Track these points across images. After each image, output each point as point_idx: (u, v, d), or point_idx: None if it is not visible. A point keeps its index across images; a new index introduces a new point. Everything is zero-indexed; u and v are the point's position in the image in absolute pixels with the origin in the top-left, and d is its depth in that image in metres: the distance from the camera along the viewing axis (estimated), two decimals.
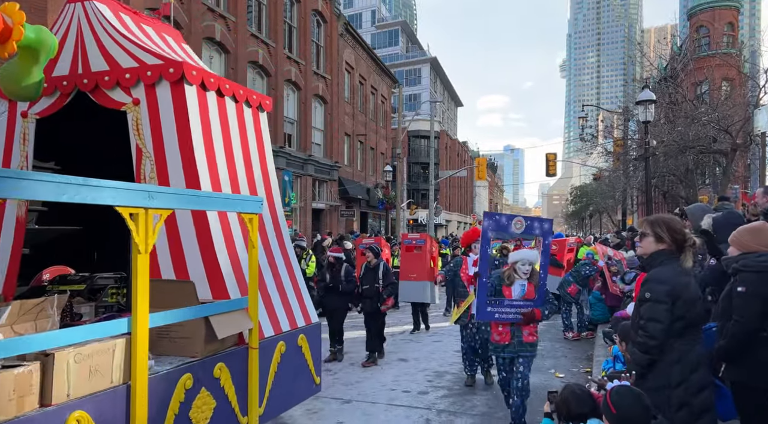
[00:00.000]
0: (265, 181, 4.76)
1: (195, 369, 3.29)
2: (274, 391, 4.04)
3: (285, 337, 4.26)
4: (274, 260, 4.51)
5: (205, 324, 3.35)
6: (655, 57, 27.30)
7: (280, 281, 4.51)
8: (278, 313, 4.29)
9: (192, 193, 3.26)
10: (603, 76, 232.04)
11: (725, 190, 16.39)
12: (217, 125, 4.23)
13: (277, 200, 4.93)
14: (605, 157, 28.66)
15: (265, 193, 4.71)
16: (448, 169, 50.00)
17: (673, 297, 2.93)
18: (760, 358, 3.15)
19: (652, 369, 3.02)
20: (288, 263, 4.75)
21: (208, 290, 3.80)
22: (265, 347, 3.94)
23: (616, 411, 2.57)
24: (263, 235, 4.42)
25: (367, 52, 32.10)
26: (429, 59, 66.00)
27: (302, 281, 4.87)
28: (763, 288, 3.16)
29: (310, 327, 4.67)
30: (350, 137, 29.87)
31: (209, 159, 4.04)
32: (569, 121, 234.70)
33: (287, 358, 4.22)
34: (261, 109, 4.90)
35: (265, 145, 4.89)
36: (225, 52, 18.41)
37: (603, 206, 42.97)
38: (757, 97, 16.74)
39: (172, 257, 3.87)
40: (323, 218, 26.28)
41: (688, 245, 3.07)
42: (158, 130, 3.97)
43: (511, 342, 4.83)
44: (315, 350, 4.69)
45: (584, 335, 9.64)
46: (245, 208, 3.60)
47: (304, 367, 4.55)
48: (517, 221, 4.79)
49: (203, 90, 4.11)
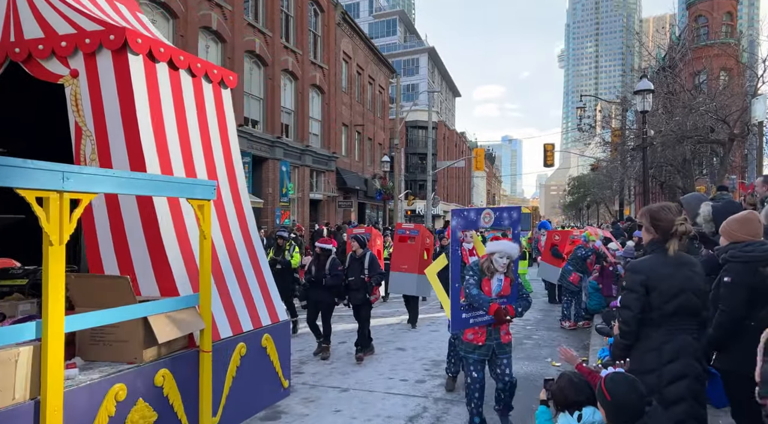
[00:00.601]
0: (227, 166, 4.30)
1: (130, 378, 2.88)
2: (232, 398, 3.66)
3: (246, 337, 3.87)
4: (236, 253, 4.09)
5: (144, 326, 2.97)
6: (653, 47, 27.23)
7: (243, 275, 4.09)
8: (239, 311, 3.90)
9: (122, 174, 2.75)
10: (601, 66, 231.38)
11: (722, 180, 16.41)
12: (169, 101, 3.74)
13: (242, 186, 4.46)
14: (603, 148, 28.65)
15: (228, 179, 4.26)
16: (445, 159, 49.95)
17: (646, 287, 3.00)
18: (747, 346, 3.18)
19: (629, 354, 3.12)
20: (253, 256, 4.31)
21: (156, 287, 3.39)
22: (221, 350, 3.56)
23: (611, 398, 2.60)
24: (224, 224, 4.03)
25: (364, 42, 31.92)
26: (427, 49, 65.70)
27: (270, 275, 4.44)
28: (749, 278, 3.19)
29: (277, 326, 4.27)
30: (348, 128, 29.79)
31: (158, 139, 3.58)
32: (567, 112, 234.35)
33: (248, 360, 3.84)
34: (223, 86, 4.40)
35: (228, 125, 4.41)
36: (221, 41, 18.30)
37: (600, 197, 43.02)
38: (755, 87, 16.71)
39: (116, 250, 3.44)
40: (321, 209, 26.27)
41: (673, 231, 3.07)
42: (99, 106, 3.48)
43: (486, 344, 4.52)
44: (283, 350, 4.29)
45: (581, 324, 9.69)
46: (193, 194, 3.15)
47: (270, 369, 4.18)
48: (486, 214, 4.63)
49: (151, 61, 3.61)
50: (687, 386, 2.97)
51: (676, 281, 2.99)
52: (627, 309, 3.07)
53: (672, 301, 2.97)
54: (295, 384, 6.27)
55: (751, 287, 3.18)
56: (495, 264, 4.49)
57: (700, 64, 23.86)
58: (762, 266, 3.18)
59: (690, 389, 2.97)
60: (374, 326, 9.79)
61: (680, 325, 3.01)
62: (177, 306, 3.17)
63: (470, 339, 4.58)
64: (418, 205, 41.64)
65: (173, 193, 3.06)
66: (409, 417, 5.20)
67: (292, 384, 6.26)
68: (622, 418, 2.54)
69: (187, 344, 3.37)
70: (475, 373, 4.54)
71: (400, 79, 35.59)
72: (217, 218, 3.87)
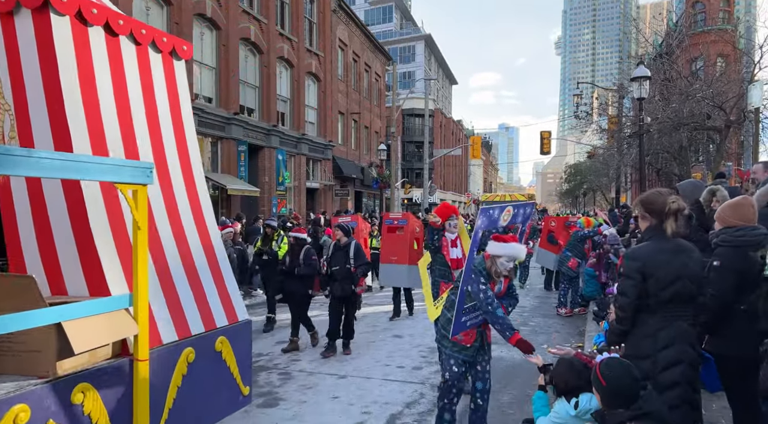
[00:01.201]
0: (180, 149, 3.74)
1: (35, 396, 2.43)
2: (177, 411, 3.21)
3: (195, 342, 3.36)
4: (187, 246, 3.61)
5: (58, 334, 2.56)
6: (650, 33, 27.11)
7: (195, 272, 3.61)
8: (188, 312, 3.43)
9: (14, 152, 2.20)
10: (598, 53, 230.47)
11: (719, 167, 16.44)
12: (105, 72, 3.22)
13: (197, 171, 3.89)
14: (600, 135, 28.64)
15: (180, 163, 3.71)
16: (442, 147, 49.89)
17: (643, 274, 3.01)
18: (738, 330, 3.22)
19: (624, 340, 3.13)
20: (209, 250, 3.79)
21: (84, 285, 2.96)
22: (162, 357, 3.10)
23: (606, 383, 2.62)
24: (173, 214, 3.51)
25: (360, 29, 31.69)
26: (423, 36, 65.28)
27: (229, 271, 3.93)
28: (738, 262, 3.21)
29: (236, 327, 3.79)
30: (344, 116, 29.68)
31: (90, 115, 3.09)
32: (564, 99, 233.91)
33: (198, 367, 3.37)
34: (176, 57, 3.85)
35: (181, 102, 3.84)
36: (216, 28, 18.13)
37: (597, 184, 43.07)
38: (752, 73, 16.69)
39: (40, 244, 3.01)
40: (318, 198, 26.25)
41: (667, 211, 3.06)
42: (19, 76, 3.01)
43: (473, 345, 4.22)
44: (242, 354, 3.82)
45: (576, 310, 9.74)
46: (121, 177, 2.62)
47: (226, 376, 3.67)
48: (506, 211, 4.16)
49: (82, 23, 3.10)
50: (681, 372, 2.99)
51: (673, 267, 3.00)
52: (624, 296, 3.08)
53: (668, 288, 2.98)
54: (292, 371, 6.31)
55: (740, 271, 3.20)
56: (501, 268, 4.10)
57: (697, 50, 23.80)
58: (752, 251, 3.20)
59: (684, 374, 3.00)
60: (371, 314, 9.86)
61: (675, 311, 3.03)
62: (102, 309, 2.69)
63: (460, 340, 4.24)
64: (415, 193, 41.64)
65: (93, 175, 2.53)
66: (406, 403, 5.24)
67: (290, 371, 6.32)
68: (618, 402, 2.56)
69: (120, 352, 2.91)
70: (456, 367, 4.24)
71: (396, 66, 35.41)
72: (165, 206, 3.37)
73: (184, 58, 3.90)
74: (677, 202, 3.08)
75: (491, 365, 4.43)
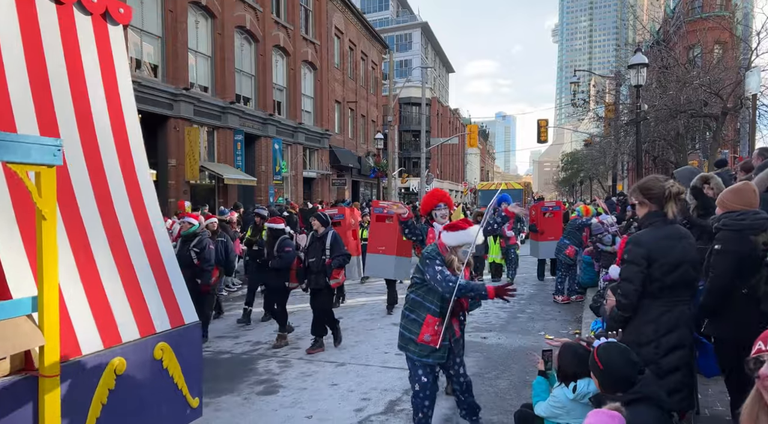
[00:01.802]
0: (115, 128, 3.26)
1: None
2: None
3: (126, 349, 2.88)
4: (121, 240, 3.12)
5: None
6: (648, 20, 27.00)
7: (130, 269, 3.13)
8: (118, 315, 2.94)
9: None
10: (595, 40, 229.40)
11: (715, 154, 16.45)
12: (14, 36, 2.77)
13: (138, 157, 3.38)
14: (596, 123, 28.61)
15: (116, 145, 3.25)
16: (439, 136, 49.75)
17: (648, 260, 3.01)
18: (739, 314, 3.24)
19: (626, 326, 3.14)
20: (150, 244, 3.33)
21: None
22: (80, 371, 2.61)
23: (604, 367, 2.64)
24: (103, 202, 3.06)
25: (356, 17, 31.47)
26: (420, 24, 64.87)
27: (175, 268, 3.49)
28: (739, 246, 3.22)
29: (181, 331, 3.30)
30: (340, 105, 29.56)
31: None
32: (561, 87, 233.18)
33: (130, 381, 2.89)
34: (111, 21, 3.33)
35: (118, 75, 3.33)
36: (211, 16, 17.98)
37: (594, 173, 43.08)
38: (749, 60, 16.66)
39: None
40: (315, 187, 26.22)
41: (667, 195, 3.07)
42: None
43: (443, 345, 3.86)
44: (189, 361, 3.34)
45: (573, 298, 9.79)
46: (15, 156, 2.15)
47: (168, 388, 3.17)
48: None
49: None
50: (682, 357, 3.02)
51: (677, 252, 3.03)
52: (628, 282, 3.07)
53: (672, 273, 3.00)
54: (291, 359, 6.34)
55: (741, 254, 3.22)
56: (462, 256, 3.84)
57: (695, 37, 23.72)
58: (753, 235, 3.21)
59: (685, 358, 3.03)
60: (369, 303, 9.89)
61: (677, 296, 3.05)
62: None
63: (427, 341, 3.86)
64: (412, 182, 41.60)
65: None
66: (404, 390, 5.27)
67: (289, 359, 6.35)
68: (615, 386, 2.59)
69: (23, 366, 2.45)
70: (425, 377, 3.93)
71: (392, 54, 35.20)
72: (94, 193, 2.99)
73: (122, 23, 3.40)
74: (676, 185, 3.10)
75: (488, 352, 4.42)
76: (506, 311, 8.94)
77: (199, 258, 6.98)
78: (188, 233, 7.08)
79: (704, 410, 4.08)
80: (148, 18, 15.43)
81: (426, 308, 3.90)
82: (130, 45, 14.45)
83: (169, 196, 15.66)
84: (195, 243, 7.01)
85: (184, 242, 7.09)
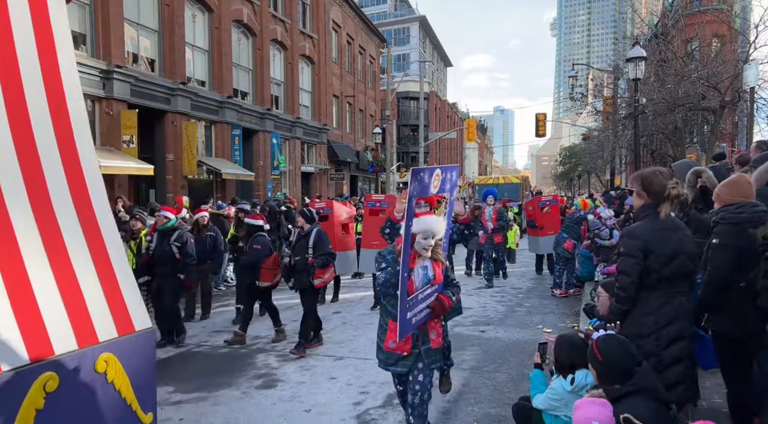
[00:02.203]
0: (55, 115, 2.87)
1: None
2: None
3: (59, 363, 2.54)
4: (60, 239, 2.78)
5: None
6: (646, 13, 26.94)
7: (69, 271, 2.78)
8: (50, 324, 2.60)
9: None
10: (593, 34, 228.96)
11: (713, 148, 16.47)
12: None
13: (84, 148, 3.01)
14: (595, 117, 28.60)
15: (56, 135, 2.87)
16: (437, 130, 49.70)
17: (645, 252, 3.01)
18: (738, 308, 3.25)
19: (625, 319, 3.14)
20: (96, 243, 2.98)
21: None
22: None
23: (602, 358, 2.65)
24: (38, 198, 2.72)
25: (354, 11, 31.35)
26: (418, 18, 64.66)
27: (126, 269, 3.12)
28: (738, 239, 3.22)
29: (129, 339, 2.98)
30: (338, 99, 29.48)
31: None
32: (559, 81, 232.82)
33: (64, 398, 2.57)
34: None
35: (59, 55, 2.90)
36: (208, 10, 17.89)
37: (592, 167, 43.11)
38: (747, 53, 16.63)
39: None
40: (313, 182, 26.19)
41: (666, 195, 3.07)
42: None
43: (412, 352, 3.50)
44: (140, 373, 3.03)
45: (572, 291, 9.81)
46: None
47: (113, 404, 2.80)
48: (436, 175, 3.40)
49: None
50: (683, 348, 3.03)
51: (673, 243, 3.03)
52: (625, 275, 3.07)
53: (670, 264, 3.00)
54: (289, 353, 6.34)
55: (739, 248, 3.21)
56: (419, 248, 3.38)
57: (693, 31, 23.67)
58: (752, 228, 3.21)
59: (686, 350, 3.04)
60: (368, 297, 9.88)
61: (675, 288, 3.05)
62: None
63: (392, 348, 3.51)
64: None
65: None
66: None
67: (287, 354, 6.34)
68: (613, 378, 2.59)
69: None
70: (400, 386, 3.75)
71: (390, 48, 35.07)
72: (26, 188, 2.67)
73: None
74: (677, 188, 3.08)
75: (487, 346, 4.39)
76: (504, 304, 8.96)
77: (181, 253, 6.87)
78: (165, 228, 6.93)
79: (702, 402, 4.10)
80: (144, 12, 15.35)
81: (388, 312, 3.57)
82: (127, 39, 14.39)
83: (167, 191, 15.63)
84: (175, 238, 6.89)
85: (162, 237, 6.94)
